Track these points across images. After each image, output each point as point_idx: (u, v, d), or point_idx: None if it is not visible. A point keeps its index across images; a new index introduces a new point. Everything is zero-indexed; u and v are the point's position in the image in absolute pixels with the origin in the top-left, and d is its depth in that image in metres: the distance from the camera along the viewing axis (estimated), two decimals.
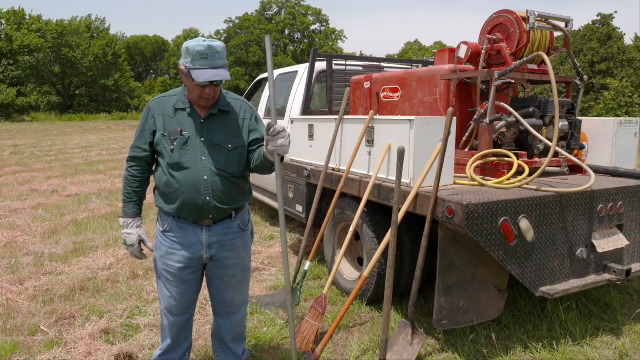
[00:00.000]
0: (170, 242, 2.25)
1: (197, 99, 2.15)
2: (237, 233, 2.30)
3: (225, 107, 2.24)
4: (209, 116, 2.20)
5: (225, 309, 2.43)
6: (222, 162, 2.17)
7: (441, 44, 56.44)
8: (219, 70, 2.05)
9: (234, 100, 2.30)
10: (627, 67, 24.86)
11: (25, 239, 5.24)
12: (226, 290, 2.37)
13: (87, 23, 46.47)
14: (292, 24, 52.07)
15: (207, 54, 2.02)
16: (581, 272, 3.00)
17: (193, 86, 2.10)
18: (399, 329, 2.84)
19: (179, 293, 2.30)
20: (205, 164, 2.15)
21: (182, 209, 2.18)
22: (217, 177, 2.16)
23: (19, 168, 10.74)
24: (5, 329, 3.18)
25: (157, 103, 2.24)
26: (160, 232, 2.28)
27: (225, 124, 2.22)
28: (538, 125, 3.25)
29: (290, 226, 5.85)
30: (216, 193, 2.16)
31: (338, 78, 5.13)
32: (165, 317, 2.36)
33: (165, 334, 2.40)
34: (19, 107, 37.24)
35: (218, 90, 2.16)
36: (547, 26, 3.40)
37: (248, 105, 2.33)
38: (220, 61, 2.06)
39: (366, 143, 3.37)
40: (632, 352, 2.90)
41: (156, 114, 2.20)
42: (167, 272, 2.27)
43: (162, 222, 2.28)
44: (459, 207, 2.53)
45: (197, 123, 2.18)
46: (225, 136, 2.20)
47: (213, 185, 2.15)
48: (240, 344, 2.53)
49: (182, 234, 2.23)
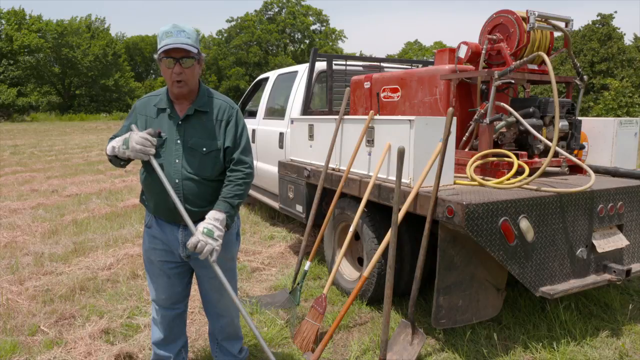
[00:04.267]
0: (152, 237, 2.29)
1: (171, 86, 2.11)
2: None
3: (202, 108, 2.17)
4: (186, 117, 2.16)
5: (212, 309, 2.45)
6: (195, 166, 2.14)
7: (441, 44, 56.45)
8: (183, 44, 2.01)
9: (214, 100, 2.22)
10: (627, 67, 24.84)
11: (25, 239, 5.24)
12: (211, 292, 2.39)
13: (87, 23, 46.51)
14: (292, 24, 52.04)
15: (172, 32, 2.02)
16: (581, 272, 3.00)
17: (165, 71, 2.08)
18: (399, 329, 2.84)
19: (165, 286, 2.34)
20: (177, 167, 2.13)
21: (157, 210, 2.24)
22: (188, 181, 2.14)
23: (19, 168, 10.74)
24: (5, 329, 3.18)
25: (142, 103, 2.25)
26: (145, 227, 2.34)
27: (201, 126, 2.17)
28: (538, 125, 3.25)
29: (290, 226, 5.85)
30: (187, 196, 2.14)
31: (338, 78, 5.12)
32: (155, 310, 2.42)
33: (156, 327, 2.45)
34: (19, 107, 37.27)
35: (188, 73, 2.07)
36: (547, 26, 3.40)
37: (228, 105, 2.24)
38: (185, 39, 2.02)
39: (366, 143, 3.37)
40: (632, 352, 2.90)
41: (139, 114, 2.21)
42: (152, 265, 2.33)
43: (145, 217, 2.34)
44: (459, 207, 2.53)
45: (175, 124, 2.16)
46: (200, 139, 2.15)
47: (185, 189, 2.13)
48: (234, 343, 2.54)
49: (161, 231, 2.26)
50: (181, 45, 2.00)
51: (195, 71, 2.11)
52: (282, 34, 51.81)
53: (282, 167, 4.67)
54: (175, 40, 2.00)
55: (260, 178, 5.90)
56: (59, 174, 10.07)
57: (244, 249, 4.82)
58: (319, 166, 3.98)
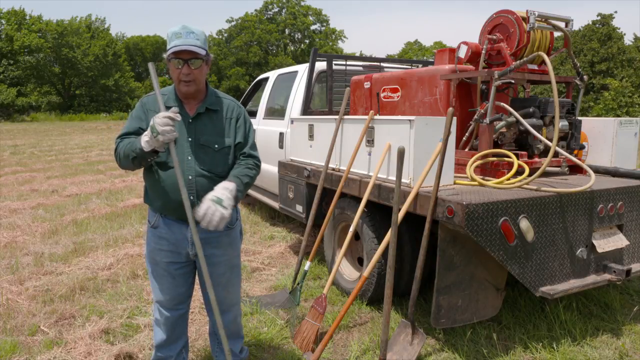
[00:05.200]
0: (158, 237, 2.27)
1: (178, 85, 2.13)
2: (223, 230, 2.24)
3: (212, 106, 2.23)
4: (197, 115, 2.19)
5: (219, 307, 2.42)
6: (207, 163, 2.18)
7: (441, 44, 56.43)
8: (192, 46, 2.04)
9: (222, 99, 2.29)
10: (627, 67, 24.83)
11: (25, 239, 5.24)
12: (218, 288, 2.37)
13: (87, 23, 46.52)
14: (292, 24, 52.05)
15: (181, 33, 2.05)
16: (581, 272, 3.00)
17: (173, 70, 2.10)
18: (399, 329, 2.84)
19: (169, 287, 2.33)
20: (190, 164, 2.15)
21: (167, 207, 2.21)
22: (202, 177, 2.16)
23: (19, 168, 10.73)
24: (5, 329, 3.18)
25: (150, 99, 2.24)
26: (149, 228, 2.32)
27: (212, 124, 2.22)
28: (538, 125, 3.25)
29: (290, 226, 5.85)
30: (200, 193, 2.14)
31: (338, 78, 5.13)
32: (158, 311, 2.39)
33: (159, 328, 2.42)
34: (19, 107, 37.26)
35: (197, 73, 2.10)
36: (547, 26, 3.40)
37: (236, 104, 2.32)
38: (194, 40, 2.05)
39: (366, 143, 3.37)
40: (632, 352, 2.90)
41: (150, 110, 2.19)
42: (157, 266, 2.31)
43: (150, 217, 2.31)
44: (459, 207, 2.53)
45: (185, 122, 2.17)
46: (211, 136, 2.20)
47: (197, 185, 2.15)
48: (236, 342, 2.53)
49: (168, 230, 2.25)
50: (190, 47, 2.03)
51: (203, 71, 2.15)
52: (282, 34, 51.82)
53: (282, 167, 4.67)
54: (184, 42, 2.03)
55: (260, 178, 5.89)
56: (59, 174, 10.07)
57: (244, 249, 4.82)
58: (319, 166, 3.99)
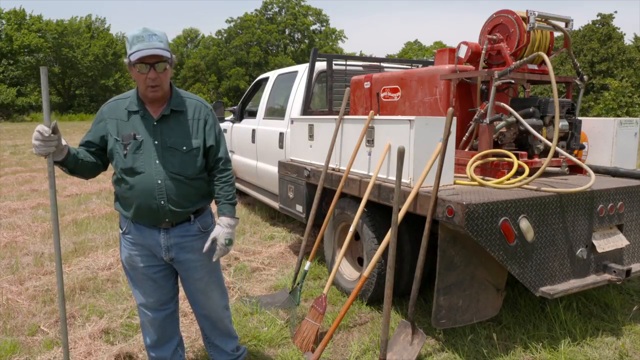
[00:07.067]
0: (131, 243, 2.25)
1: (144, 90, 2.06)
2: (196, 235, 2.26)
3: (177, 107, 2.16)
4: (162, 118, 2.13)
5: (200, 311, 2.44)
6: (176, 165, 2.13)
7: (441, 44, 56.44)
8: (156, 49, 1.97)
9: (188, 100, 2.22)
10: (627, 67, 24.85)
11: (25, 239, 5.24)
12: (196, 293, 2.37)
13: (87, 23, 46.55)
14: (292, 24, 52.05)
15: (143, 36, 1.97)
16: (581, 272, 3.00)
17: (137, 76, 2.03)
18: (399, 329, 2.84)
19: (152, 290, 2.31)
20: (158, 168, 2.11)
21: (138, 214, 2.16)
22: (171, 181, 2.12)
23: (19, 168, 10.74)
24: (5, 329, 3.18)
25: (110, 107, 2.18)
26: (121, 234, 2.29)
27: (179, 125, 2.15)
28: (538, 125, 3.25)
29: (290, 226, 5.85)
30: (170, 196, 2.12)
31: (338, 78, 5.12)
32: (143, 314, 2.37)
33: (147, 331, 2.41)
34: (19, 107, 37.26)
35: (163, 77, 2.04)
36: (547, 26, 3.40)
37: (202, 104, 2.25)
38: (158, 43, 1.98)
39: (366, 143, 3.37)
40: (632, 352, 2.90)
41: (109, 118, 2.14)
42: (136, 271, 2.28)
43: (122, 224, 2.29)
44: (459, 207, 2.53)
45: (150, 125, 2.12)
46: (179, 138, 2.14)
47: (167, 189, 2.12)
48: (228, 342, 2.53)
49: (140, 236, 2.22)
50: (155, 50, 1.97)
51: (168, 74, 2.09)
52: (282, 34, 51.81)
53: (282, 167, 4.67)
54: (148, 46, 1.96)
55: (260, 178, 5.90)
56: (58, 174, 10.06)
57: (244, 249, 4.82)
58: (319, 166, 3.99)
